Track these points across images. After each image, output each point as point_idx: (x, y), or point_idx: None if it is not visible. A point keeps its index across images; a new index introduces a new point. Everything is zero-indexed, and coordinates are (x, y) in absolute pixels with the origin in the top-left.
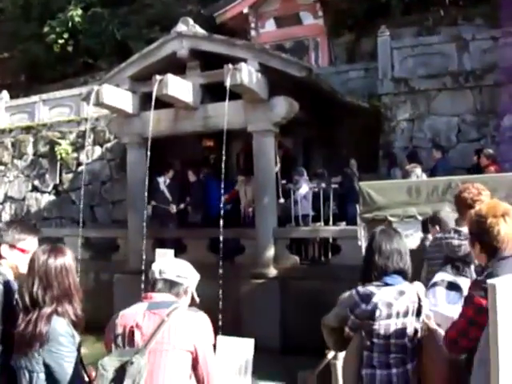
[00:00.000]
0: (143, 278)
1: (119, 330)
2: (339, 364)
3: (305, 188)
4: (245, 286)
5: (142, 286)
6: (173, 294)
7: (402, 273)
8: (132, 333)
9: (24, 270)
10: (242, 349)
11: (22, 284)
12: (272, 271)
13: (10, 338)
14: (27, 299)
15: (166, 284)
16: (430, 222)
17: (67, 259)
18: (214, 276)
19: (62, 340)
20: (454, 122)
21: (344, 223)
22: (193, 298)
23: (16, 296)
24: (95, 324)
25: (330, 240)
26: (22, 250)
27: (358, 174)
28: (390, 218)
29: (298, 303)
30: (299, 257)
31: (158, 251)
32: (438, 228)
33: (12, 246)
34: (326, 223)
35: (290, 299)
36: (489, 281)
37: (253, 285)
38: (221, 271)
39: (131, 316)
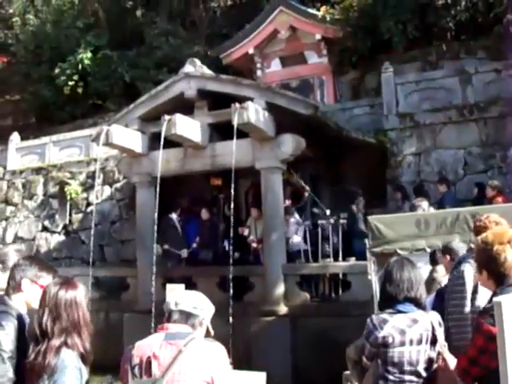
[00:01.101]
0: (153, 317)
1: (136, 361)
2: None
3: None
4: (255, 323)
5: (152, 325)
6: (189, 326)
7: (414, 301)
8: (149, 363)
9: (37, 305)
10: (254, 382)
11: (33, 316)
12: (282, 308)
13: (22, 370)
14: (37, 330)
15: (182, 315)
16: (441, 252)
17: (78, 293)
18: (224, 314)
19: (69, 373)
20: (461, 155)
21: (353, 259)
22: (207, 330)
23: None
24: (105, 363)
25: (340, 276)
26: (41, 287)
27: (364, 210)
28: (400, 252)
29: (309, 341)
30: (309, 293)
31: (169, 286)
32: (448, 257)
33: (33, 282)
34: (336, 259)
35: (301, 337)
36: (495, 298)
37: (263, 322)
38: (230, 309)
39: (148, 346)
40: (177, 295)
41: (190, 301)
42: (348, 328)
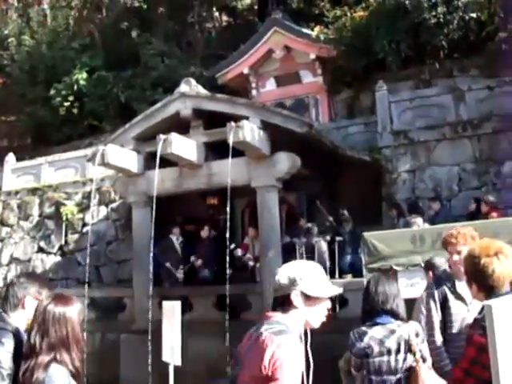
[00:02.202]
0: (150, 337)
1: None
2: None
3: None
4: None
5: (149, 345)
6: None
7: (390, 312)
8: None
9: None
10: None
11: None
12: None
13: None
14: (26, 345)
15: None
16: (424, 268)
17: (68, 309)
18: (221, 332)
19: None
20: (455, 172)
21: (350, 275)
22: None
23: None
24: (102, 383)
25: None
26: None
27: (351, 230)
28: (395, 267)
29: (306, 357)
30: None
31: (165, 304)
32: (431, 273)
33: (35, 298)
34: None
35: None
36: (485, 302)
37: None
38: (227, 328)
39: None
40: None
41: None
42: (345, 345)
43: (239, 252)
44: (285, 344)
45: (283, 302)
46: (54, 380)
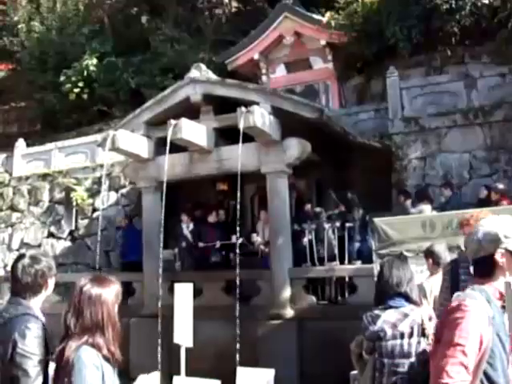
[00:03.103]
0: (159, 321)
1: None
2: None
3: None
4: (261, 327)
5: (159, 329)
6: None
7: (404, 296)
8: None
9: None
10: (263, 379)
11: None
12: (289, 312)
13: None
14: (62, 326)
15: None
16: (424, 255)
17: (106, 291)
18: (231, 318)
19: (85, 372)
20: (466, 159)
21: (359, 262)
22: None
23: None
24: None
25: (347, 279)
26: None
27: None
28: (406, 253)
29: (316, 344)
30: (316, 297)
31: (177, 286)
32: (431, 261)
33: (54, 276)
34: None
35: (308, 340)
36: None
37: (269, 326)
38: (237, 313)
39: None
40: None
41: None
42: (355, 330)
43: (255, 237)
44: (469, 308)
45: (485, 264)
46: (83, 361)
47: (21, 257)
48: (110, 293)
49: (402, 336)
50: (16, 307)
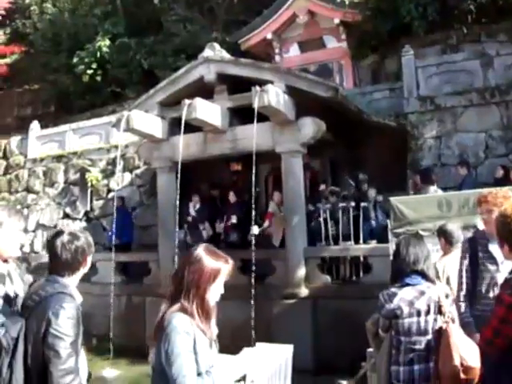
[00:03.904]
0: None
1: None
2: (375, 376)
3: None
4: (276, 306)
5: None
6: None
7: (420, 273)
8: None
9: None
10: (282, 355)
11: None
12: (303, 291)
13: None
14: (167, 291)
15: None
16: (436, 235)
17: (216, 265)
18: (246, 296)
19: (176, 337)
20: (482, 138)
21: (374, 241)
22: None
23: None
24: (128, 346)
25: (361, 258)
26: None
27: (374, 196)
28: (422, 233)
29: (330, 323)
30: (330, 276)
31: None
32: (443, 240)
33: (90, 253)
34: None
35: (322, 319)
36: None
37: (284, 305)
38: (252, 292)
39: None
40: None
41: None
42: (369, 310)
43: (255, 230)
44: None
45: None
46: (175, 327)
47: (58, 234)
48: (218, 268)
49: (418, 313)
50: (53, 285)
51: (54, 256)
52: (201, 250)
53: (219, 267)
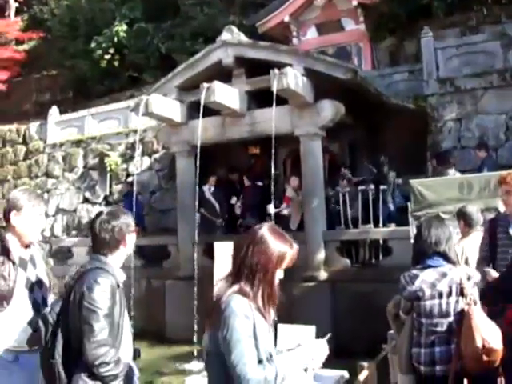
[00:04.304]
0: (196, 283)
1: None
2: (396, 359)
3: None
4: (295, 289)
5: (195, 290)
6: None
7: (442, 255)
8: None
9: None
10: (304, 335)
11: None
12: (322, 274)
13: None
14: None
15: None
16: (456, 216)
17: (281, 247)
18: None
19: (235, 320)
20: (502, 120)
21: (394, 224)
22: None
23: None
24: (148, 329)
25: (381, 242)
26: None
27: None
28: (442, 215)
29: (350, 306)
30: (350, 259)
31: (217, 245)
32: (462, 222)
33: (133, 232)
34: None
35: (341, 302)
36: None
37: (303, 288)
38: None
39: None
40: None
41: None
42: (388, 293)
43: (271, 209)
44: None
45: None
46: (234, 309)
47: (99, 214)
48: (284, 251)
49: (440, 295)
50: (92, 262)
51: (93, 235)
52: (265, 230)
53: (285, 251)
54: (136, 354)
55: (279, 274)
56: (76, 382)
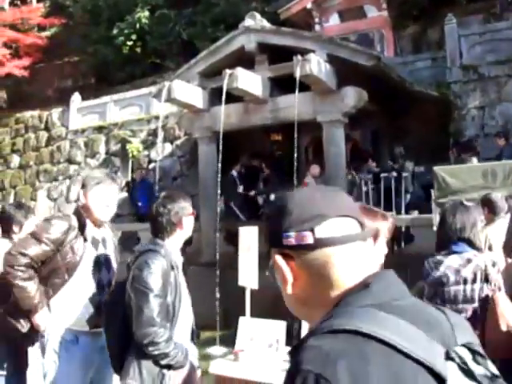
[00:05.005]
0: (218, 269)
1: None
2: None
3: None
4: None
5: (217, 276)
6: None
7: (467, 241)
8: None
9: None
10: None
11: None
12: None
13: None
14: None
15: None
16: (481, 204)
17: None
18: None
19: None
20: None
21: (416, 212)
22: None
23: None
24: None
25: (403, 229)
26: (192, 214)
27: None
28: (466, 203)
29: None
30: None
31: (242, 230)
32: (487, 210)
33: (191, 215)
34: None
35: None
36: None
37: None
38: None
39: None
40: None
41: None
42: (410, 281)
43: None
44: None
45: None
46: None
47: (158, 197)
48: (376, 229)
49: (465, 281)
50: (148, 245)
51: (151, 219)
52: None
53: (377, 228)
54: (194, 335)
55: (381, 251)
56: (130, 361)
